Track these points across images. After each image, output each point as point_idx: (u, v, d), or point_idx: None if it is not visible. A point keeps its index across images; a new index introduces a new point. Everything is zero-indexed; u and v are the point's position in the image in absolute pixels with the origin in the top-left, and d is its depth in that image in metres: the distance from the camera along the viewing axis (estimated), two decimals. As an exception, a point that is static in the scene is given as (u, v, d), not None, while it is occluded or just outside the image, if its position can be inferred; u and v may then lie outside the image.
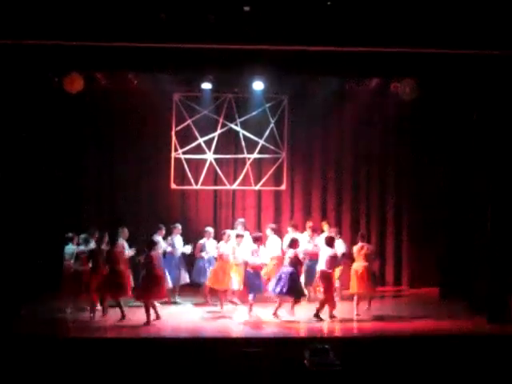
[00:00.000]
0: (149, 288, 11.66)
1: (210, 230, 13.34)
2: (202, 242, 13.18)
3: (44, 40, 10.98)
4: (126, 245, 12.84)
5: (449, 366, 9.48)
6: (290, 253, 12.11)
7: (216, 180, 15.15)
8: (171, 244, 13.27)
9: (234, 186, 15.11)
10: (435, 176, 14.62)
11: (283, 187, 15.07)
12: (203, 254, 13.11)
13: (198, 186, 14.89)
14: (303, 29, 11.22)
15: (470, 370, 9.27)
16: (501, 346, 10.25)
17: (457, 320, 12.02)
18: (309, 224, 13.87)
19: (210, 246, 13.12)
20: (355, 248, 12.57)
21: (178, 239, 13.40)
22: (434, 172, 14.65)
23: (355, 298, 12.38)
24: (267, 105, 14.70)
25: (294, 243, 12.23)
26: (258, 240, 12.45)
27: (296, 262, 12.09)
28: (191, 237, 13.95)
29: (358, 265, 12.39)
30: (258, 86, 13.92)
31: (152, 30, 11.11)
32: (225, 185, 15.04)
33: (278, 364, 9.36)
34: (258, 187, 15.06)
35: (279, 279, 11.93)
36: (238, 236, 12.81)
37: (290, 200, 15.53)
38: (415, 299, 14.20)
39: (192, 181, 14.81)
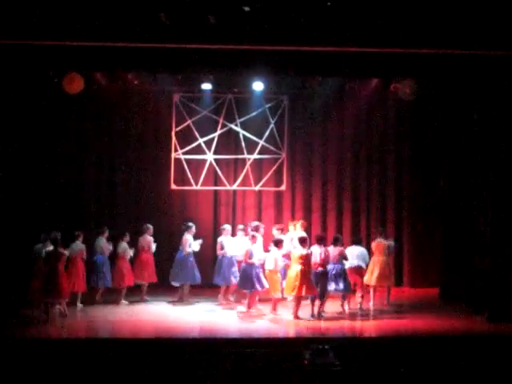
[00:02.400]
0: (46, 287, 11.46)
1: (257, 234, 12.91)
2: (248, 248, 12.65)
3: (44, 40, 10.96)
4: (152, 241, 13.32)
5: (449, 366, 9.48)
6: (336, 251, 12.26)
7: (216, 180, 15.15)
8: (221, 245, 13.24)
9: (234, 187, 15.10)
10: (435, 176, 14.65)
11: (283, 187, 15.06)
12: (255, 260, 12.49)
13: (198, 187, 14.87)
14: (303, 29, 11.19)
15: (470, 369, 9.27)
16: (501, 345, 10.25)
17: (457, 320, 12.02)
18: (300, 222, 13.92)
19: (256, 251, 12.58)
20: (373, 244, 13.13)
21: (226, 240, 13.31)
22: (434, 172, 14.68)
23: (371, 290, 12.98)
24: (267, 105, 14.69)
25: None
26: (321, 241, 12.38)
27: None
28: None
29: (377, 259, 12.84)
30: (257, 86, 13.94)
31: (152, 30, 11.09)
32: (225, 185, 15.03)
33: (278, 364, 9.35)
34: (258, 188, 15.05)
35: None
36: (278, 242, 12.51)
37: (291, 200, 15.53)
38: (415, 299, 14.20)
39: (192, 181, 14.79)
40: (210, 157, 14.79)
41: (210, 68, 12.32)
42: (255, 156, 14.84)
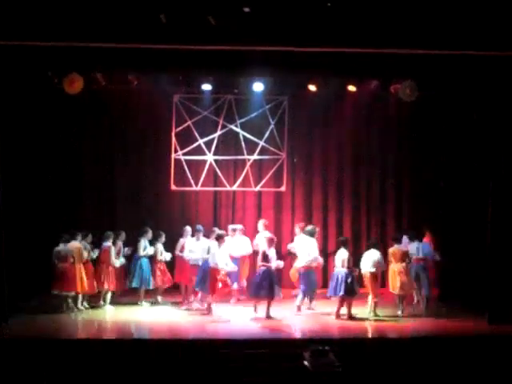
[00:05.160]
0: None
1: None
2: (316, 257, 12.64)
3: (44, 41, 10.96)
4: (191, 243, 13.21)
5: (449, 366, 9.48)
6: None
7: (216, 181, 15.15)
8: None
9: (234, 188, 15.11)
10: (435, 176, 14.64)
11: (283, 188, 15.07)
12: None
13: (198, 188, 14.88)
14: (303, 30, 11.20)
15: (470, 370, 9.27)
16: (501, 346, 10.25)
17: (457, 320, 12.02)
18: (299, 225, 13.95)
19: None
20: (390, 250, 12.86)
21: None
22: (434, 172, 14.67)
23: (397, 298, 12.74)
24: (267, 106, 14.69)
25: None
26: None
27: None
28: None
29: (396, 266, 12.63)
30: (257, 87, 13.94)
31: (152, 31, 11.10)
32: (225, 186, 15.03)
33: (278, 365, 9.36)
34: (258, 188, 15.06)
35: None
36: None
37: (291, 201, 15.53)
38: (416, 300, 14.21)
39: (192, 182, 14.80)
40: (209, 157, 14.79)
41: (210, 69, 12.31)
42: (255, 157, 14.85)
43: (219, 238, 12.51)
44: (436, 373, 9.24)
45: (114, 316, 12.41)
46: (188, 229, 13.44)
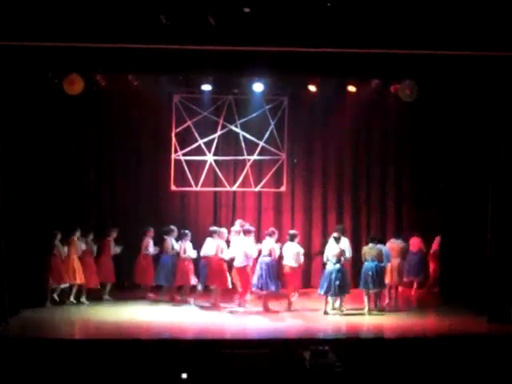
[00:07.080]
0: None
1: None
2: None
3: (44, 41, 10.96)
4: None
5: (449, 366, 9.48)
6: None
7: (216, 182, 15.15)
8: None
9: (234, 188, 15.11)
10: (435, 177, 14.65)
11: (283, 189, 15.07)
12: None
13: (198, 188, 14.88)
14: (303, 30, 11.20)
15: (470, 370, 9.27)
16: (501, 346, 10.25)
17: (457, 320, 12.02)
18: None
19: None
20: (388, 245, 13.28)
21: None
22: (434, 173, 14.68)
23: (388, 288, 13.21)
24: (267, 106, 14.69)
25: None
26: None
27: None
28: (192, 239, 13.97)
29: (394, 260, 13.16)
30: (257, 87, 13.94)
31: (152, 31, 11.10)
32: (225, 186, 15.03)
33: (278, 365, 9.35)
34: (258, 189, 15.06)
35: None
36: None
37: (291, 201, 15.54)
38: (415, 299, 14.21)
39: (192, 182, 14.80)
40: (209, 158, 14.79)
41: (210, 69, 12.31)
42: (255, 157, 14.84)
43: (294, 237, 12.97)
44: (436, 372, 9.24)
45: (112, 315, 12.39)
46: (223, 230, 13.28)
